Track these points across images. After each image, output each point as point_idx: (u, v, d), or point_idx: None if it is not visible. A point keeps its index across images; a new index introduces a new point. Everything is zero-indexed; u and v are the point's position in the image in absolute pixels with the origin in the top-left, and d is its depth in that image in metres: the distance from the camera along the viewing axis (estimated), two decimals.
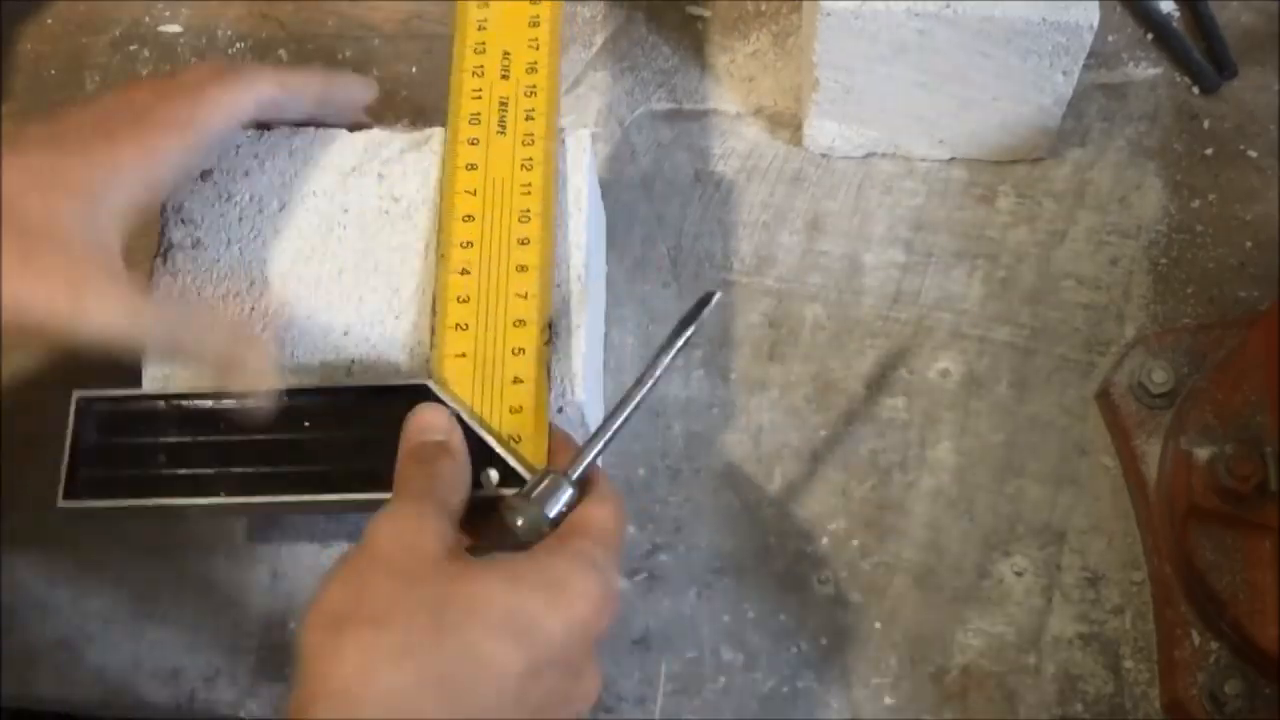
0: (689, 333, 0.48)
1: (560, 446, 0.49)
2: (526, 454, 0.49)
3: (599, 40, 0.66)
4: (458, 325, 0.51)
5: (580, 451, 0.47)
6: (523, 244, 0.52)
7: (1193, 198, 0.62)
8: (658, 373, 0.48)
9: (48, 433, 0.50)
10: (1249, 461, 0.51)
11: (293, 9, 0.67)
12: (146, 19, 0.67)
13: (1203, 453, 0.52)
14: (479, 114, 0.54)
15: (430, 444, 0.47)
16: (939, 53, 0.57)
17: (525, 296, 0.51)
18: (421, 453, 0.47)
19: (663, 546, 0.57)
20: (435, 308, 0.51)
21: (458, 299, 0.51)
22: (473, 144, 0.54)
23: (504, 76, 0.55)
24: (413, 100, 0.65)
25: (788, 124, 0.64)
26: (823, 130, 0.62)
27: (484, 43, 0.55)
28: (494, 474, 0.48)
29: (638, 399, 0.47)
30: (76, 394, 0.50)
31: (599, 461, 0.47)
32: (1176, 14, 0.66)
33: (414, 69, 0.66)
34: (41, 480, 0.50)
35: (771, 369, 0.60)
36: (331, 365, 0.52)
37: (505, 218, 0.52)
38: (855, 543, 0.57)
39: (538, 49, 0.55)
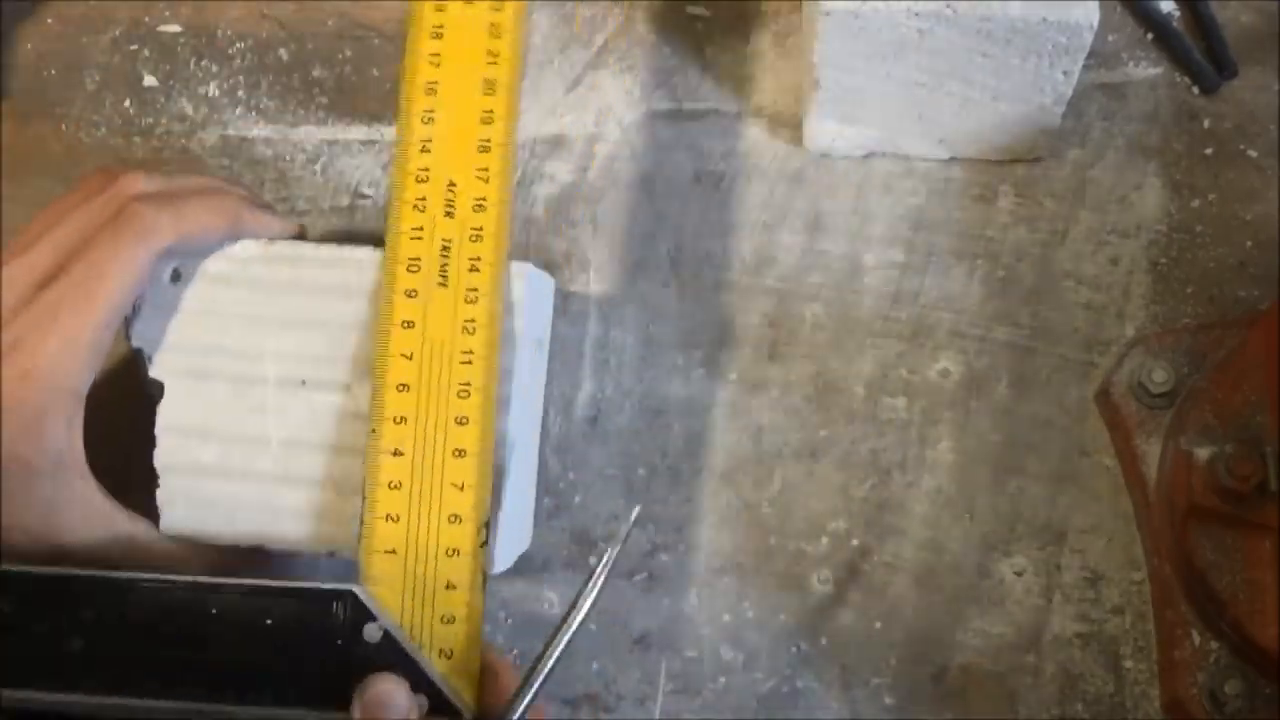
0: (614, 554, 0.46)
1: (491, 667, 0.47)
2: (457, 670, 0.46)
3: (599, 40, 0.66)
4: (388, 516, 0.47)
5: (513, 701, 0.45)
6: (461, 424, 0.47)
7: (1193, 198, 0.62)
8: (586, 605, 0.46)
9: None
10: (1249, 461, 0.51)
11: (293, 9, 0.67)
12: (146, 19, 0.67)
13: (1203, 453, 0.52)
14: (419, 259, 0.48)
15: None
16: (939, 53, 0.57)
17: (461, 488, 0.47)
18: None
19: (663, 546, 0.57)
20: (365, 492, 0.47)
21: (389, 485, 0.47)
22: (410, 296, 0.48)
23: (448, 214, 0.49)
24: None
25: (788, 124, 0.64)
26: (823, 130, 0.62)
27: (427, 169, 0.49)
28: (424, 701, 0.45)
29: (569, 635, 0.45)
30: None
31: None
32: (1176, 14, 0.66)
33: None
34: None
35: (771, 369, 0.60)
36: (257, 538, 0.49)
37: (444, 390, 0.47)
38: (855, 543, 0.57)
39: (487, 182, 0.49)
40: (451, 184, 0.49)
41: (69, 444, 0.46)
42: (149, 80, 0.66)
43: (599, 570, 0.46)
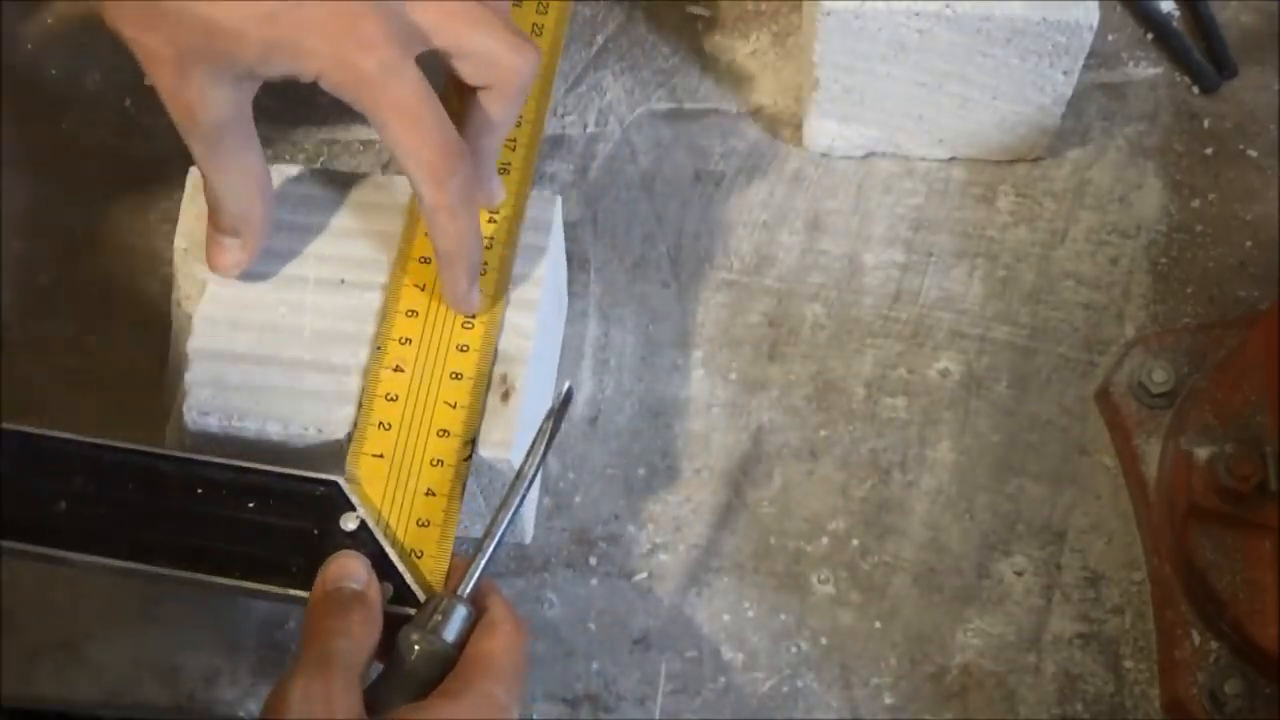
0: (554, 428, 0.48)
1: (458, 566, 0.48)
2: (426, 571, 0.47)
3: (599, 40, 0.66)
4: (381, 424, 0.49)
5: (469, 567, 0.46)
6: (461, 350, 0.50)
7: (1193, 198, 0.62)
8: (531, 473, 0.47)
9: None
10: (1249, 461, 0.51)
11: None
12: None
13: (1203, 453, 0.52)
14: None
15: (345, 593, 0.46)
16: (939, 53, 0.57)
17: (454, 406, 0.49)
18: (335, 600, 0.45)
19: (663, 546, 0.57)
20: (362, 400, 0.50)
21: (386, 396, 0.50)
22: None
23: None
24: None
25: (788, 124, 0.64)
26: (823, 130, 0.62)
27: None
28: (389, 588, 0.47)
29: (514, 507, 0.47)
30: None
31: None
32: (1176, 14, 0.66)
33: None
34: None
35: (771, 369, 0.60)
36: (260, 443, 0.50)
37: (449, 320, 0.51)
38: (855, 543, 0.57)
39: (519, 125, 0.53)
40: None
41: None
42: (149, 80, 0.66)
43: (546, 427, 0.47)
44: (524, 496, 0.47)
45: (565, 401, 0.48)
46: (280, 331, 0.51)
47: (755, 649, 0.55)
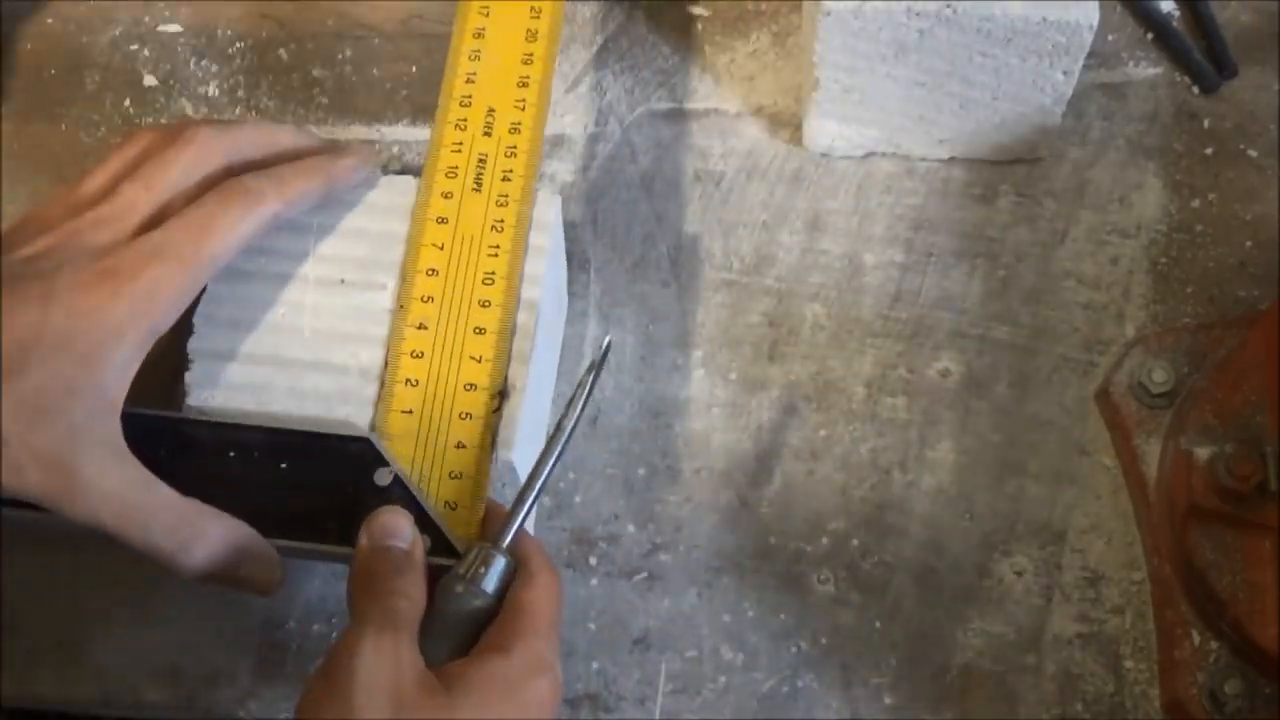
0: (593, 383, 0.49)
1: (493, 514, 0.49)
2: (461, 522, 0.48)
3: (599, 40, 0.66)
4: (408, 380, 0.50)
5: (508, 518, 0.47)
6: (484, 306, 0.51)
7: (1193, 197, 0.62)
8: (570, 426, 0.48)
9: None
10: (1249, 461, 0.51)
11: (293, 9, 0.67)
12: (146, 19, 0.67)
13: (1203, 453, 0.52)
14: (456, 168, 0.53)
15: (396, 552, 0.46)
16: (939, 53, 0.57)
17: (479, 360, 0.50)
18: (388, 560, 0.46)
19: (663, 546, 0.57)
20: (388, 359, 0.51)
21: (411, 354, 0.50)
22: (446, 197, 0.53)
23: (486, 133, 0.54)
24: (413, 100, 0.65)
25: (788, 124, 0.64)
26: (823, 130, 0.62)
27: (470, 96, 0.54)
28: (427, 540, 0.47)
29: (554, 458, 0.47)
30: None
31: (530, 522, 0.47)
32: (1176, 14, 0.66)
33: (414, 68, 0.66)
34: None
35: (771, 369, 0.60)
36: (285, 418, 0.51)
37: (470, 277, 0.51)
38: (855, 543, 0.57)
39: (524, 110, 0.54)
40: (491, 110, 0.54)
41: (116, 386, 0.46)
42: (149, 80, 0.66)
43: (585, 387, 0.49)
44: (564, 448, 0.48)
45: (604, 355, 0.49)
46: (280, 331, 0.51)
47: (755, 649, 0.55)
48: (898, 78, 0.59)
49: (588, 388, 0.49)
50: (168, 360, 0.51)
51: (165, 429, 0.50)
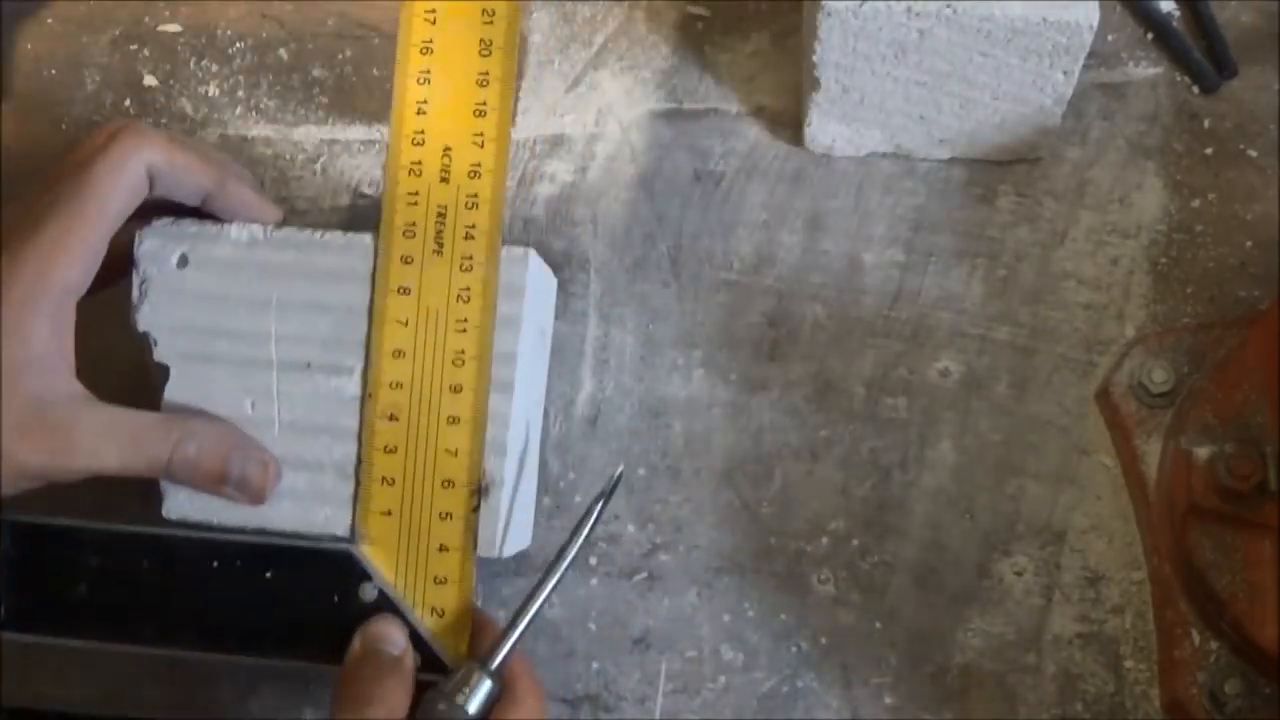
0: (600, 511, 0.48)
1: (485, 629, 0.49)
2: (448, 630, 0.48)
3: (599, 40, 0.66)
4: (384, 479, 0.48)
5: (499, 639, 0.47)
6: (455, 391, 0.48)
7: (1193, 198, 0.62)
8: (570, 554, 0.48)
9: None
10: (1249, 461, 0.51)
11: (293, 8, 0.67)
12: (146, 19, 0.67)
13: (1203, 452, 0.52)
14: (414, 225, 0.49)
15: (385, 657, 0.46)
16: (939, 53, 0.57)
17: (455, 454, 0.48)
18: (373, 664, 0.46)
19: (663, 546, 0.57)
20: (361, 455, 0.49)
21: (385, 449, 0.48)
22: (406, 262, 0.49)
23: (444, 179, 0.50)
24: None
25: (788, 124, 0.64)
26: (823, 130, 0.62)
27: (423, 133, 0.50)
28: (416, 657, 0.47)
29: (551, 585, 0.47)
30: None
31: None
32: (1176, 13, 0.66)
33: None
34: None
35: (771, 369, 0.60)
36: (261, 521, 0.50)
37: (438, 357, 0.49)
38: (855, 543, 0.57)
39: (483, 147, 0.50)
40: (447, 149, 0.50)
41: (54, 343, 0.46)
42: (149, 80, 0.66)
43: (592, 515, 0.48)
44: (561, 576, 0.47)
45: (614, 486, 0.48)
46: (252, 427, 0.50)
47: (755, 649, 0.55)
48: (898, 78, 0.59)
49: (594, 515, 0.48)
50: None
51: (146, 543, 0.49)
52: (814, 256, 0.61)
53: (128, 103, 0.65)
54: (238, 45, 0.67)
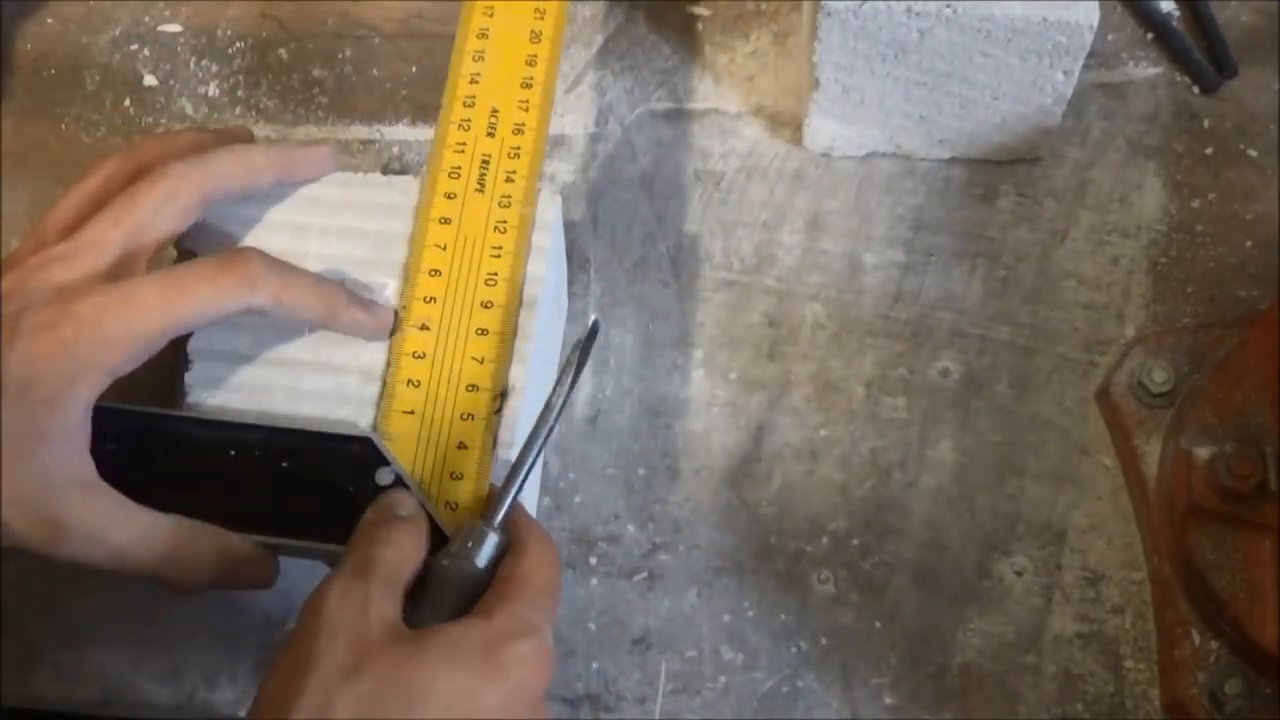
0: (581, 360, 0.49)
1: (492, 499, 0.48)
2: (461, 522, 0.48)
3: (599, 40, 0.66)
4: (410, 381, 0.50)
5: (499, 495, 0.47)
6: (486, 307, 0.51)
7: (1193, 198, 0.62)
8: (558, 405, 0.48)
9: None
10: (1249, 461, 0.51)
11: (293, 8, 0.67)
12: (146, 19, 0.67)
13: (1203, 452, 0.52)
14: (459, 168, 0.53)
15: (396, 512, 0.47)
16: (939, 53, 0.57)
17: (482, 361, 0.50)
18: (387, 516, 0.46)
19: (663, 546, 0.57)
20: (389, 359, 0.51)
21: (413, 355, 0.50)
22: (449, 198, 0.53)
23: (490, 134, 0.54)
24: (413, 100, 0.65)
25: (788, 124, 0.64)
26: (823, 130, 0.62)
27: (474, 96, 0.54)
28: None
29: (543, 436, 0.47)
30: None
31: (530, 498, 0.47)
32: (1176, 14, 0.66)
33: (414, 68, 0.66)
34: None
35: (771, 369, 0.60)
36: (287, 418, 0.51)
37: (472, 278, 0.51)
38: (855, 543, 0.57)
39: (527, 110, 0.54)
40: (495, 110, 0.54)
41: (81, 426, 0.45)
42: (149, 80, 0.66)
43: (573, 364, 0.48)
44: (552, 427, 0.48)
45: (592, 335, 0.49)
46: (280, 331, 0.51)
47: (755, 649, 0.55)
48: (898, 78, 0.59)
49: (574, 366, 0.48)
50: (167, 360, 0.52)
51: (164, 427, 0.50)
52: (814, 256, 0.61)
53: (127, 103, 0.65)
54: (238, 45, 0.67)
